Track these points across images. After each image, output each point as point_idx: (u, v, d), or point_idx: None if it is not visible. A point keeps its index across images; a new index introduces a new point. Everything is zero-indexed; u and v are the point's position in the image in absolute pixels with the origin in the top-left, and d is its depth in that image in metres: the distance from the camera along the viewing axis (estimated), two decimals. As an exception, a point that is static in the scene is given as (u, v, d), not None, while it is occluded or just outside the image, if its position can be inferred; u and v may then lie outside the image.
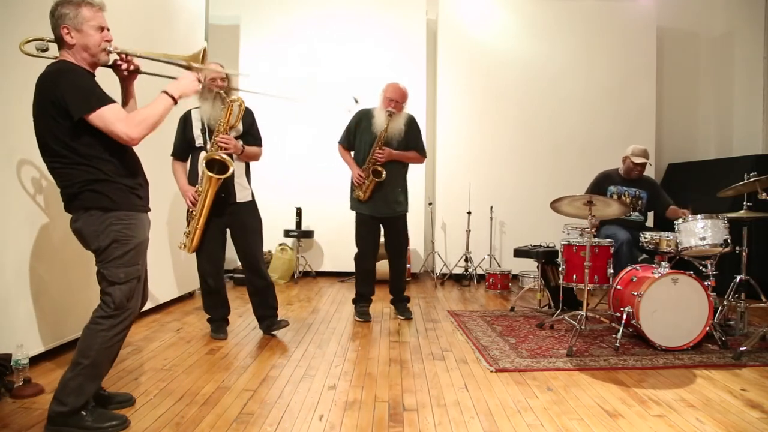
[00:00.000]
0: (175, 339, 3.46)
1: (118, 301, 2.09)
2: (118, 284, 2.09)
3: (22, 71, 2.68)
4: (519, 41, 6.16)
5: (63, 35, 2.08)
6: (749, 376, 2.85)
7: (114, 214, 2.10)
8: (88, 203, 2.08)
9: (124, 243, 2.11)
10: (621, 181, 4.35)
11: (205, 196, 3.22)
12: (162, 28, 4.27)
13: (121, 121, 2.03)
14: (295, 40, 6.12)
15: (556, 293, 4.16)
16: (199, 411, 2.32)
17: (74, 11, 2.06)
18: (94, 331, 2.07)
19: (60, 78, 2.02)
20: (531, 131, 6.15)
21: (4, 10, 2.61)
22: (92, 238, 2.09)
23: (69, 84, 2.00)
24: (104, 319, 2.09)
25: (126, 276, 2.11)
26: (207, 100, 3.31)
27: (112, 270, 2.09)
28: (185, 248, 3.33)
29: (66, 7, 2.06)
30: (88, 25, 2.08)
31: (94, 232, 2.08)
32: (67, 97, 1.98)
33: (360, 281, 4.15)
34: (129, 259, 2.12)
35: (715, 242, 3.39)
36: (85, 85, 2.04)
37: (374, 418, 2.29)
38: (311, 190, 6.01)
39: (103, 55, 2.15)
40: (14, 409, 2.30)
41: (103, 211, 2.09)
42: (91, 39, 2.09)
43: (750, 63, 6.21)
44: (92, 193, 2.07)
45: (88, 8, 2.08)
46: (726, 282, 3.63)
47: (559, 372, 2.89)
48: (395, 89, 3.89)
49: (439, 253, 6.10)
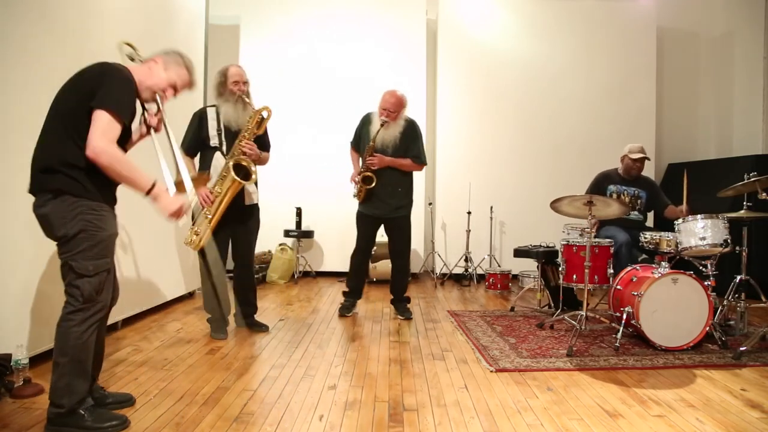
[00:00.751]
0: (175, 339, 3.46)
1: (87, 294, 2.05)
2: (86, 277, 2.04)
3: (22, 71, 2.69)
4: (519, 41, 6.17)
5: (152, 59, 2.29)
6: (749, 376, 2.85)
7: (86, 203, 2.04)
8: (61, 185, 2.02)
9: (93, 234, 2.05)
10: (620, 181, 4.36)
11: (222, 198, 3.26)
12: (162, 28, 4.27)
13: (106, 134, 2.00)
14: (295, 40, 6.12)
15: (556, 293, 4.16)
16: (199, 411, 2.32)
17: (178, 63, 2.31)
18: (66, 328, 2.04)
19: (116, 74, 2.10)
20: (531, 131, 6.16)
21: (4, 10, 2.61)
22: (59, 225, 2.02)
23: (117, 83, 2.08)
24: (74, 314, 2.05)
25: (95, 268, 2.06)
26: (228, 102, 3.37)
27: (81, 262, 2.03)
28: (192, 245, 3.34)
29: (178, 57, 2.32)
30: (173, 75, 2.28)
31: (63, 218, 2.01)
32: (106, 88, 2.03)
33: (352, 277, 4.24)
34: (99, 251, 2.07)
35: (715, 242, 3.39)
36: (125, 93, 2.11)
37: (374, 418, 2.29)
38: (311, 190, 6.01)
39: (149, 94, 2.25)
40: (14, 409, 2.30)
41: (76, 197, 2.03)
42: (161, 78, 2.26)
43: (750, 63, 6.21)
44: (68, 178, 2.02)
45: (186, 74, 2.32)
46: (726, 282, 3.63)
47: (559, 372, 2.89)
48: (387, 99, 3.90)
49: (439, 253, 6.10)
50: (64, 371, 2.04)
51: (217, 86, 3.41)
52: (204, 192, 3.29)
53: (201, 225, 3.31)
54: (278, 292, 5.19)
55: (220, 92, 3.40)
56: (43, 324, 2.85)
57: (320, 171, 5.97)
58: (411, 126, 4.04)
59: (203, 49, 5.15)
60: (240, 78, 3.38)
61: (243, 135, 3.31)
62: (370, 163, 3.91)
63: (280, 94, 5.85)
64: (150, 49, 2.35)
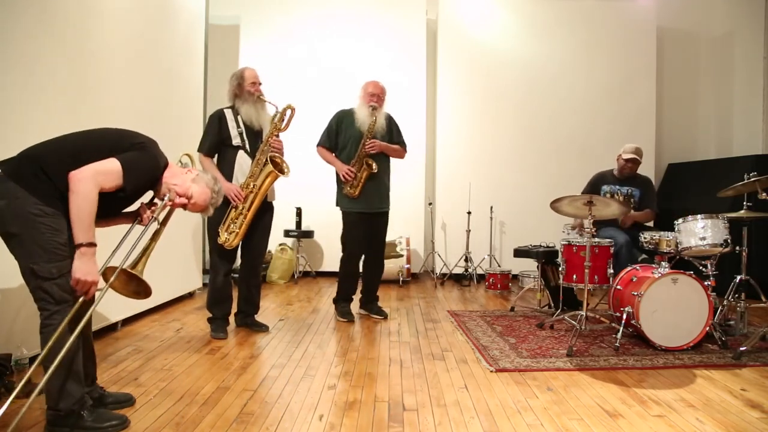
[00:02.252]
0: (175, 339, 3.46)
1: (58, 297, 1.99)
2: (51, 280, 1.98)
3: (21, 71, 2.69)
4: (519, 41, 6.17)
5: (192, 170, 2.37)
6: (749, 376, 2.85)
7: (41, 206, 1.98)
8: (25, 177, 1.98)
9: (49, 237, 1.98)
10: (614, 181, 4.39)
11: (256, 193, 3.37)
12: (162, 28, 4.27)
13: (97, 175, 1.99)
14: (295, 40, 6.12)
15: (556, 293, 4.16)
16: (199, 411, 2.32)
17: (206, 186, 2.33)
18: (49, 333, 1.99)
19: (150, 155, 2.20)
20: (531, 131, 6.15)
21: (4, 9, 2.61)
22: (11, 220, 1.95)
23: (145, 160, 2.16)
24: (52, 317, 1.99)
25: (59, 270, 1.99)
26: (247, 102, 3.49)
27: (42, 265, 1.97)
28: (227, 243, 3.39)
29: (209, 181, 2.35)
30: (192, 190, 2.29)
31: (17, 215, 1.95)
32: (133, 154, 2.11)
33: (348, 283, 4.12)
34: (59, 253, 2.00)
35: (715, 242, 3.39)
36: (145, 169, 2.17)
37: (374, 418, 2.29)
38: (311, 190, 6.00)
39: (165, 191, 2.27)
40: (14, 409, 2.30)
41: (33, 195, 1.97)
42: (180, 189, 2.27)
43: (750, 63, 6.22)
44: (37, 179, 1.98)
45: (206, 196, 2.33)
46: (726, 282, 3.63)
47: (559, 372, 2.89)
48: (376, 85, 4.00)
49: (439, 253, 6.10)
50: (56, 374, 2.00)
51: (234, 89, 3.52)
52: (234, 189, 3.36)
53: (235, 222, 3.38)
54: (278, 292, 5.19)
55: (237, 94, 3.52)
56: (43, 324, 2.85)
57: (320, 171, 5.94)
58: (391, 116, 4.13)
59: (203, 49, 5.15)
60: (256, 79, 3.55)
61: (271, 131, 3.43)
62: (370, 147, 3.89)
63: (280, 94, 5.78)
64: (150, 49, 2.35)
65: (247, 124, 3.47)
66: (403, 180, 5.96)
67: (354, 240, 4.05)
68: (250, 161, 3.45)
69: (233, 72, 3.61)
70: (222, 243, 3.39)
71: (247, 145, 3.47)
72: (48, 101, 2.87)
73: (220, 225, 3.40)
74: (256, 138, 3.51)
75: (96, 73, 3.34)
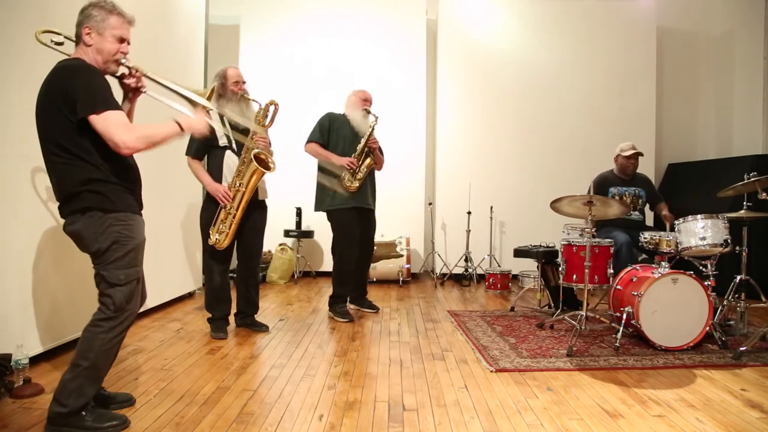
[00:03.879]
0: (175, 339, 3.46)
1: (118, 303, 2.08)
2: (118, 286, 2.08)
3: (21, 71, 2.69)
4: (519, 41, 6.16)
5: (83, 34, 2.10)
6: (749, 376, 2.85)
7: (113, 215, 2.09)
8: (87, 203, 2.06)
9: (123, 244, 2.09)
10: (619, 182, 4.39)
11: (243, 192, 3.35)
12: (162, 28, 4.27)
13: (122, 127, 2.01)
14: (295, 40, 6.12)
15: (556, 293, 4.16)
16: (199, 411, 2.32)
17: (102, 15, 2.10)
18: (94, 334, 2.07)
19: (76, 74, 2.02)
20: (531, 131, 6.15)
21: (4, 10, 2.61)
22: (92, 240, 2.07)
23: (83, 82, 2.00)
24: (104, 321, 2.08)
25: (126, 278, 2.10)
26: (231, 102, 3.45)
27: (113, 272, 2.08)
28: (218, 244, 3.39)
29: (96, 10, 2.11)
30: (111, 33, 2.12)
31: (94, 233, 2.06)
32: (80, 94, 1.98)
33: (345, 282, 4.11)
34: (129, 260, 2.11)
35: (715, 242, 3.39)
36: (98, 86, 2.03)
37: (374, 418, 2.29)
38: (311, 190, 5.96)
39: (113, 65, 2.16)
40: (14, 409, 2.31)
41: (103, 212, 2.07)
42: (108, 45, 2.12)
43: (750, 63, 6.21)
44: (91, 194, 2.05)
45: (117, 18, 2.13)
46: (726, 282, 3.63)
47: (559, 372, 2.89)
48: (366, 92, 4.21)
49: (439, 253, 6.10)
50: (80, 374, 2.05)
51: (218, 89, 3.45)
52: (222, 190, 3.35)
53: (224, 222, 3.37)
54: (278, 292, 5.19)
55: (221, 94, 3.46)
56: (43, 324, 2.86)
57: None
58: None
59: (203, 49, 5.15)
60: (239, 78, 3.49)
61: (255, 129, 3.41)
62: (374, 143, 4.06)
63: (280, 94, 5.81)
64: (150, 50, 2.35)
65: (232, 123, 3.43)
66: (403, 180, 5.98)
67: (351, 240, 4.04)
68: (237, 160, 3.42)
69: (216, 72, 3.54)
70: (213, 244, 3.38)
71: (234, 145, 3.45)
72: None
73: (211, 226, 3.39)
74: (243, 136, 3.45)
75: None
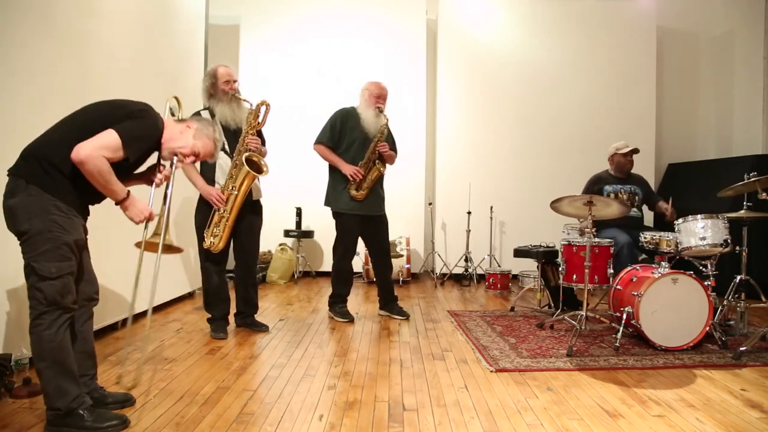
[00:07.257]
0: (175, 339, 3.46)
1: (50, 298, 1.98)
2: (49, 280, 1.98)
3: (21, 71, 2.69)
4: (519, 41, 6.16)
5: (189, 124, 2.37)
6: (749, 376, 2.85)
7: (55, 202, 2.00)
8: (31, 173, 1.99)
9: (57, 236, 1.99)
10: (615, 181, 4.42)
11: (237, 195, 3.32)
12: (162, 28, 4.27)
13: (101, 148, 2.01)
14: (295, 40, 6.12)
15: (556, 293, 4.16)
16: (199, 411, 2.32)
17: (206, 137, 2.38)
18: (38, 334, 1.99)
19: (148, 119, 2.19)
20: (531, 131, 6.15)
21: (4, 11, 2.61)
22: (24, 219, 1.97)
23: (143, 125, 2.16)
24: (41, 317, 1.99)
25: (58, 271, 1.99)
26: (222, 101, 3.40)
27: (43, 264, 1.97)
28: (212, 246, 3.38)
29: (207, 129, 2.39)
30: (197, 147, 2.35)
31: (29, 213, 1.97)
32: (131, 122, 2.10)
33: (343, 283, 4.08)
34: (62, 253, 2.00)
35: (715, 242, 3.39)
36: (144, 136, 2.17)
37: (374, 418, 2.29)
38: (311, 190, 5.98)
39: (169, 154, 2.31)
40: (14, 409, 2.31)
41: (45, 191, 1.99)
42: (185, 150, 2.32)
43: (750, 63, 6.22)
44: (43, 171, 1.99)
45: (210, 146, 2.39)
46: (726, 282, 3.63)
47: (559, 372, 2.89)
48: (380, 86, 3.95)
49: (439, 253, 6.10)
50: (49, 375, 2.01)
51: (208, 88, 3.43)
52: (215, 193, 3.32)
53: (218, 225, 3.35)
54: (278, 292, 5.19)
55: (212, 93, 3.43)
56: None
57: (320, 171, 5.94)
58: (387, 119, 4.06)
59: (203, 49, 5.15)
60: (230, 77, 3.42)
61: (247, 131, 3.36)
62: (382, 147, 3.90)
63: (280, 93, 5.84)
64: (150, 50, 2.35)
65: (223, 124, 3.36)
66: (403, 180, 5.97)
67: (350, 243, 4.02)
68: (230, 161, 3.39)
69: (206, 71, 3.50)
70: (207, 247, 3.37)
71: (226, 146, 3.39)
72: (49, 102, 2.87)
73: (205, 229, 3.38)
74: (235, 137, 3.40)
75: (97, 73, 3.34)
